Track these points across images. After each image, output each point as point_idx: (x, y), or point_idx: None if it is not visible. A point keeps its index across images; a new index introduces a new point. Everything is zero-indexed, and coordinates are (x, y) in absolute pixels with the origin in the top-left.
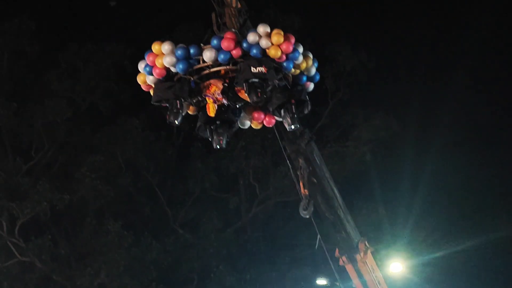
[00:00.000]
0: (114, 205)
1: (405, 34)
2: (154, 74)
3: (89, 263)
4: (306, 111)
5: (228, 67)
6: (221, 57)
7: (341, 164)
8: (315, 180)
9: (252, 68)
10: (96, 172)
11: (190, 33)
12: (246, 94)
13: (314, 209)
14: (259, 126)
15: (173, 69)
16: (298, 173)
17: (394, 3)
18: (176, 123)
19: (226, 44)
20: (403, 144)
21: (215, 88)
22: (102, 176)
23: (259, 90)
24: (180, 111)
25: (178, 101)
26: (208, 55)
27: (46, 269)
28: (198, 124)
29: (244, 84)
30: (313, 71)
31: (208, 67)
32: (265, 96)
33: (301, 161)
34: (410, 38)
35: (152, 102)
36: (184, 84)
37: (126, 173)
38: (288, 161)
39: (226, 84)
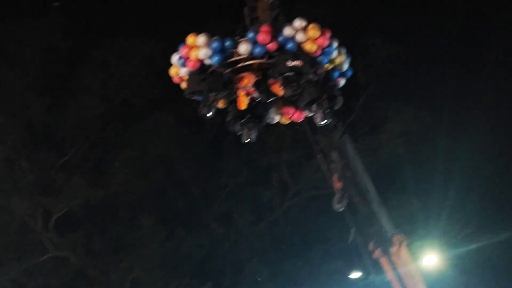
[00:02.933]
0: (147, 199)
1: (438, 24)
2: (187, 66)
3: (123, 258)
4: (337, 106)
5: (262, 60)
6: (257, 50)
7: (374, 157)
8: (348, 174)
9: (288, 61)
10: (129, 167)
11: (218, 29)
12: (280, 88)
13: (348, 202)
14: (287, 121)
15: (207, 62)
16: (332, 166)
17: None
18: (209, 116)
19: (262, 37)
20: (436, 136)
21: (248, 81)
22: (135, 171)
23: (294, 84)
24: (213, 103)
25: (211, 94)
26: (244, 48)
27: (81, 264)
28: (229, 117)
29: (279, 77)
30: (346, 66)
31: (242, 60)
32: (299, 90)
33: (334, 154)
34: (444, 29)
35: (184, 95)
36: (218, 76)
37: (159, 168)
38: (320, 155)
39: (259, 78)
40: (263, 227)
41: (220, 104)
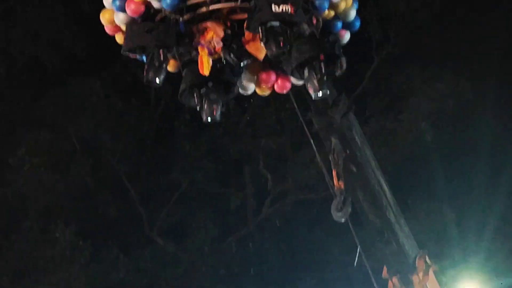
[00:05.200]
0: (65, 203)
1: None
2: (127, 10)
3: (28, 285)
4: (340, 71)
5: (236, 3)
6: None
7: (391, 146)
8: (354, 169)
9: (273, 5)
10: (39, 156)
11: None
12: (258, 45)
13: (353, 210)
14: (267, 92)
15: (155, 4)
16: (330, 158)
17: None
18: (157, 83)
19: None
20: (479, 118)
21: (213, 34)
22: (48, 161)
23: (281, 38)
24: (164, 65)
25: (161, 51)
26: None
27: None
28: (183, 86)
29: (260, 28)
30: (353, 14)
31: (206, 2)
32: (288, 47)
33: (334, 141)
34: None
35: (122, 52)
36: (171, 26)
37: (83, 158)
38: (314, 142)
39: (229, 30)
40: (230, 245)
41: (172, 67)
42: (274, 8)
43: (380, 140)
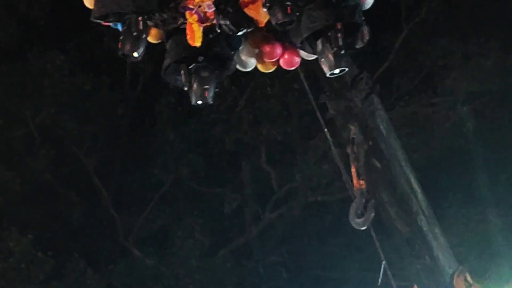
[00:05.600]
0: (20, 205)
1: None
2: None
3: None
4: (361, 43)
5: None
6: None
7: (423, 136)
8: (378, 164)
9: None
10: None
11: None
12: (261, 10)
13: (376, 215)
14: (271, 68)
15: None
16: (348, 151)
17: None
18: (135, 57)
19: None
20: None
21: None
22: None
23: (288, 2)
24: (143, 35)
25: (140, 18)
26: None
27: None
28: (167, 61)
29: None
30: None
31: None
32: (297, 14)
33: (354, 129)
34: None
35: (91, 19)
36: None
37: (42, 150)
38: (328, 131)
39: None
40: (223, 258)
41: (154, 37)
42: None
43: (410, 129)
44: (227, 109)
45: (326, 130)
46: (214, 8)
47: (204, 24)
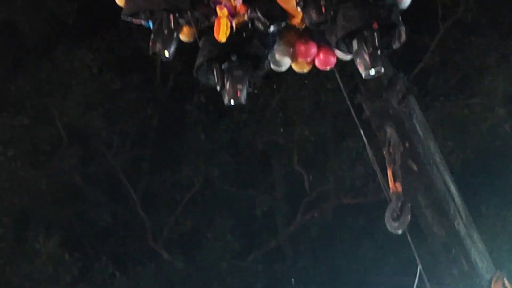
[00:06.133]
0: (47, 206)
1: None
2: None
3: None
4: (398, 44)
5: None
6: None
7: (460, 138)
8: (414, 167)
9: None
10: (12, 147)
11: None
12: (295, 8)
13: (412, 219)
14: (306, 68)
15: None
16: (384, 153)
17: None
18: (166, 56)
19: None
20: None
21: None
22: (26, 153)
23: (322, 3)
24: (174, 33)
25: (171, 15)
26: None
27: None
28: (199, 60)
29: None
30: None
31: None
32: (332, 14)
33: (390, 131)
34: None
35: (122, 17)
36: None
37: (70, 149)
38: (363, 132)
39: None
40: (254, 261)
41: (186, 36)
42: None
43: (447, 131)
44: (258, 109)
45: (362, 131)
46: (247, 5)
47: (235, 19)
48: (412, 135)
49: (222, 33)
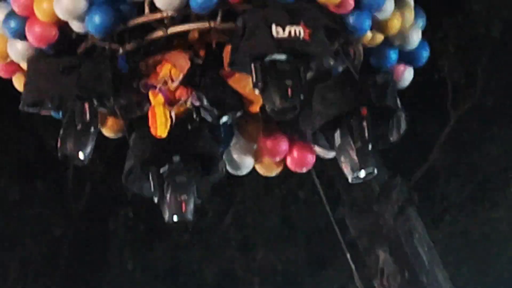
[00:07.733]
0: None
1: None
2: (29, 37)
3: None
4: (396, 135)
5: (212, 22)
6: None
7: (478, 264)
8: None
9: (274, 27)
10: None
11: None
12: (252, 91)
13: None
14: (275, 171)
15: (76, 27)
16: (376, 286)
17: None
18: (81, 159)
19: None
20: None
21: (171, 67)
22: None
23: (288, 84)
24: (92, 128)
25: (87, 105)
26: None
27: None
28: (129, 163)
29: (252, 66)
30: (416, 37)
31: (164, 22)
32: (301, 99)
33: (383, 257)
34: None
35: (20, 107)
36: (103, 62)
37: None
38: (349, 254)
39: (198, 57)
40: None
41: (111, 130)
42: (276, 31)
43: (460, 255)
44: (207, 228)
45: (348, 256)
46: (179, 82)
47: (175, 107)
48: (414, 261)
49: (160, 126)
